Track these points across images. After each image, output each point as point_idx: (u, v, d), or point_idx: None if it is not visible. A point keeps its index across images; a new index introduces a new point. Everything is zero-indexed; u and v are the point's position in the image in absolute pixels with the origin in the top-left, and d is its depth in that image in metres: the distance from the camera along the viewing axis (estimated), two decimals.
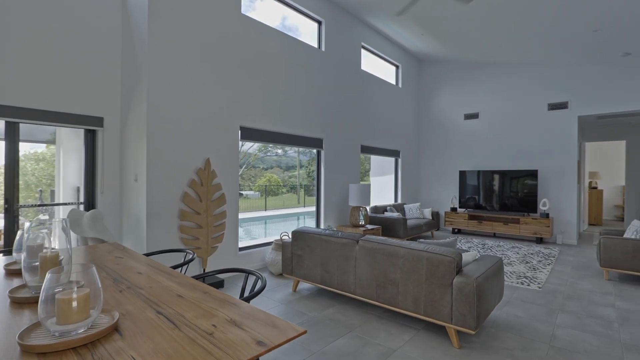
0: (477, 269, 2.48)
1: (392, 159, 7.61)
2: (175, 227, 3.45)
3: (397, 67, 7.60)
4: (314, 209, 5.71)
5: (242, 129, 4.13)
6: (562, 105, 6.37)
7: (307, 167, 18.06)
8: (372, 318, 2.88)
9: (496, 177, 6.99)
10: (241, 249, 4.24)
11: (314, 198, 5.64)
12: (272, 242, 4.66)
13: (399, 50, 7.38)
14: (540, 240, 6.38)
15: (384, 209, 6.59)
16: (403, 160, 7.71)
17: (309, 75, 5.07)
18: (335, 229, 4.02)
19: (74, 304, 0.95)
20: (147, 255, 2.16)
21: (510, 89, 6.96)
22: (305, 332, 1.13)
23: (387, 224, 5.93)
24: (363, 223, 5.46)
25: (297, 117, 4.88)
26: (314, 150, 5.46)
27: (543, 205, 6.31)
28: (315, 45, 5.43)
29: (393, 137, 7.27)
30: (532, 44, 5.59)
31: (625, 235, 4.24)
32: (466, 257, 2.70)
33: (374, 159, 7.97)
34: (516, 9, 4.43)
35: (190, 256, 2.10)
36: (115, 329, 1.03)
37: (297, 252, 3.46)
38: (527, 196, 6.58)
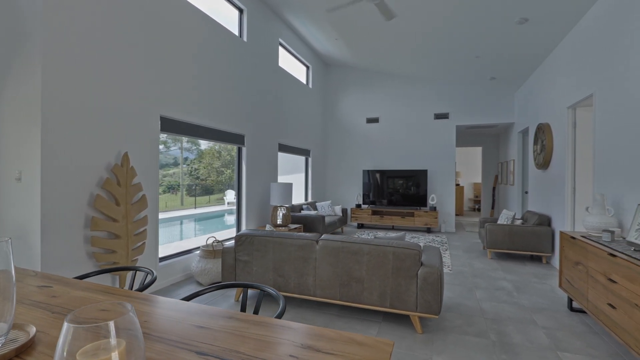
0: (432, 258, 2.69)
1: (303, 158, 7.68)
2: (82, 239, 2.60)
3: (307, 67, 7.71)
4: (202, 210, 5.24)
5: (163, 119, 3.45)
6: (445, 116, 7.63)
7: (189, 165, 16.49)
8: (333, 318, 2.80)
9: (394, 175, 7.86)
10: (161, 259, 3.53)
11: (208, 198, 5.19)
12: (193, 250, 4.06)
13: (310, 51, 7.50)
14: (429, 230, 7.48)
15: (300, 207, 6.59)
16: (313, 159, 7.87)
17: (231, 65, 4.62)
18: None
19: None
20: (81, 278, 1.55)
21: (405, 97, 7.93)
22: (393, 343, 0.99)
23: (307, 222, 5.93)
24: (280, 222, 5.30)
25: (220, 111, 4.38)
26: (235, 147, 5.01)
27: (432, 200, 7.42)
28: (237, 33, 4.99)
29: (305, 136, 7.34)
30: (427, 63, 6.50)
31: (499, 222, 5.36)
32: None
33: (281, 158, 7.88)
34: (420, 32, 5.06)
35: (151, 277, 1.60)
36: None
37: (242, 258, 3.09)
38: (419, 192, 7.63)
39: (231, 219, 12.37)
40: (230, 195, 13.62)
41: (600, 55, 3.41)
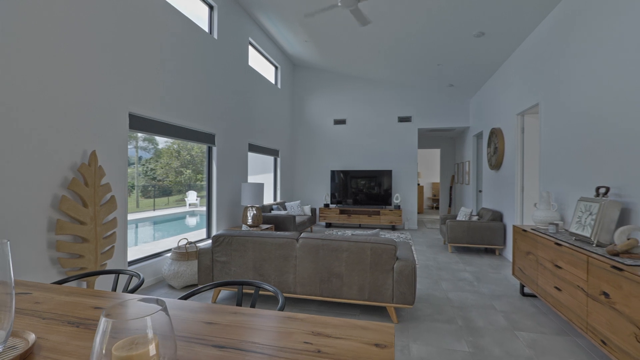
0: (406, 253, 2.89)
1: (272, 158, 7.69)
2: (45, 244, 2.44)
3: (276, 67, 7.73)
4: (161, 213, 5.13)
5: (132, 117, 3.31)
6: (408, 119, 8.04)
7: (145, 164, 15.62)
8: (312, 313, 2.88)
9: (361, 176, 8.14)
10: (130, 263, 3.39)
11: (167, 199, 5.08)
12: (163, 253, 3.93)
13: (279, 51, 7.53)
14: (393, 228, 7.84)
15: (270, 207, 6.60)
16: (282, 159, 7.90)
17: (202, 62, 4.53)
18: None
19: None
20: (60, 283, 1.49)
21: (371, 101, 8.23)
22: (393, 325, 1.11)
23: (278, 222, 5.96)
24: (251, 223, 5.29)
25: (191, 109, 4.28)
26: (205, 146, 4.92)
27: (396, 199, 7.79)
28: (207, 30, 4.90)
29: (274, 136, 7.35)
30: (393, 68, 6.82)
31: (458, 219, 5.78)
32: None
33: (250, 158, 7.82)
34: (389, 40, 5.32)
35: (138, 280, 1.58)
36: None
37: (219, 259, 3.07)
38: (384, 192, 7.97)
39: (193, 221, 11.95)
40: (192, 197, 13.16)
41: (544, 69, 3.86)
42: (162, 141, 14.99)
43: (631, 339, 1.79)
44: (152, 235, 9.00)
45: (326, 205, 8.11)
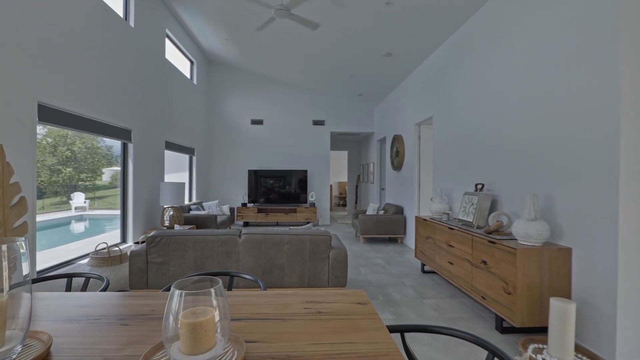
0: (338, 242, 3.29)
1: (187, 157, 7.31)
2: None
3: (192, 62, 7.37)
4: (38, 219, 4.63)
5: (42, 107, 2.87)
6: (321, 123, 8.64)
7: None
8: None
9: (278, 175, 8.39)
10: (39, 272, 2.92)
11: (41, 203, 4.61)
12: (75, 260, 3.48)
13: (195, 45, 7.21)
14: (308, 224, 8.33)
15: (188, 207, 6.31)
16: (198, 158, 7.58)
17: (118, 52, 4.12)
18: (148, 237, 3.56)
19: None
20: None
21: (288, 103, 8.56)
22: (364, 291, 1.43)
23: (199, 222, 5.77)
24: (168, 224, 5.02)
25: (106, 102, 3.86)
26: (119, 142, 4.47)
27: (311, 197, 8.30)
28: (122, 16, 4.45)
29: (190, 134, 7.02)
30: (310, 75, 7.28)
31: (367, 213, 6.57)
32: None
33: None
34: (308, 49, 5.73)
35: (104, 283, 1.55)
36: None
37: (155, 260, 2.94)
38: (300, 190, 8.40)
39: (81, 227, 10.27)
40: (80, 199, 11.25)
41: (439, 88, 4.79)
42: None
43: (501, 291, 2.54)
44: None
45: (244, 205, 8.09)
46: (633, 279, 2.04)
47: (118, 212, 4.58)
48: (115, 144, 4.65)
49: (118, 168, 4.64)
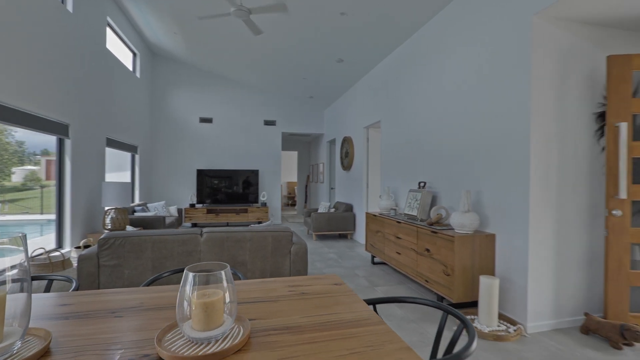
0: (299, 238, 3.47)
1: (129, 155, 6.87)
2: None
3: (135, 54, 6.94)
4: None
5: None
6: (272, 123, 8.71)
7: None
8: None
9: (228, 174, 8.27)
10: None
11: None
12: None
13: (138, 36, 6.81)
14: (260, 223, 8.35)
15: (132, 209, 5.96)
16: (141, 156, 7.16)
17: (55, 38, 3.80)
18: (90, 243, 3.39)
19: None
20: None
21: (239, 102, 8.48)
22: (337, 276, 1.65)
23: (146, 225, 5.50)
24: (111, 227, 4.74)
25: (40, 93, 3.55)
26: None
27: (263, 197, 8.34)
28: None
29: (132, 131, 6.62)
30: (263, 75, 7.32)
31: (319, 211, 6.83)
32: None
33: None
34: (262, 50, 5.80)
35: (73, 285, 1.54)
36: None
37: (108, 263, 2.82)
38: (252, 190, 8.38)
39: None
40: None
41: (386, 94, 5.22)
42: None
43: (441, 274, 2.94)
44: None
45: (192, 205, 7.83)
46: (539, 256, 2.55)
47: (40, 216, 4.18)
48: (29, 139, 4.19)
49: (33, 167, 4.20)
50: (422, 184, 3.93)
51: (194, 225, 7.95)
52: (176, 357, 0.73)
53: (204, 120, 8.30)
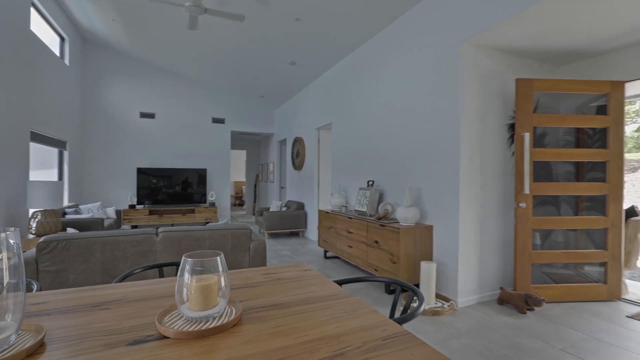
0: (257, 234, 3.56)
1: (56, 151, 6.23)
2: None
3: (63, 39, 6.31)
4: None
5: None
6: (221, 121, 8.53)
7: None
8: None
9: (173, 173, 7.91)
10: None
11: None
12: None
13: (67, 19, 6.19)
14: (207, 224, 8.14)
15: (62, 211, 5.45)
16: (71, 153, 6.53)
17: None
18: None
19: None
20: None
21: (185, 97, 8.14)
22: (304, 263, 1.81)
23: (81, 227, 5.08)
24: (36, 232, 4.30)
25: None
26: None
27: (211, 196, 8.13)
28: None
29: (60, 124, 6.01)
30: (211, 70, 7.15)
31: (271, 210, 6.91)
32: None
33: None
34: (213, 46, 5.71)
35: (35, 288, 1.50)
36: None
37: (49, 268, 2.63)
38: (199, 190, 8.12)
39: None
40: None
41: (336, 98, 5.50)
42: None
43: (389, 262, 3.27)
44: None
45: (132, 207, 7.35)
46: (466, 242, 3.00)
47: None
48: None
49: None
50: (370, 183, 4.27)
51: (134, 227, 7.46)
52: (181, 332, 0.83)
53: (145, 115, 7.82)
